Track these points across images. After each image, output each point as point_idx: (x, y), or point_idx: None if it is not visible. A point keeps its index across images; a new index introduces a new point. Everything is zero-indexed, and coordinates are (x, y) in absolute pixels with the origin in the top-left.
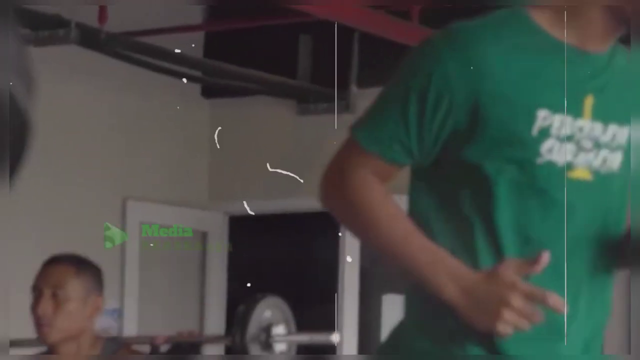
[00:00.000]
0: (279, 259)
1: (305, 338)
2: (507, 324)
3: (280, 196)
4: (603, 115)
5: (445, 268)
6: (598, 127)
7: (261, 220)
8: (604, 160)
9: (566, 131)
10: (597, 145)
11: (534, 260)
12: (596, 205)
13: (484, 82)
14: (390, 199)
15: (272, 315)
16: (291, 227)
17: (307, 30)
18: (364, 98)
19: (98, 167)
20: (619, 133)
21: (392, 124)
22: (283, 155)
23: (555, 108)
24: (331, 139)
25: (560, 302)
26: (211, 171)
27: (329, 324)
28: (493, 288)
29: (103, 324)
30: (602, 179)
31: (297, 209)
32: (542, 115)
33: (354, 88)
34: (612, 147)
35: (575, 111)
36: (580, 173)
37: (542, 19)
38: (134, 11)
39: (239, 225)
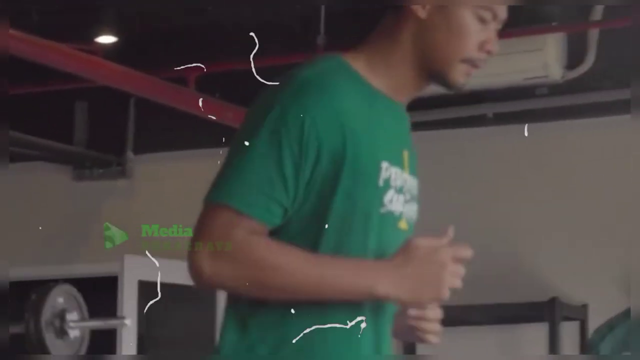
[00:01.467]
0: None
1: (99, 324)
2: (451, 284)
3: (58, 262)
4: (411, 167)
5: (364, 272)
6: (413, 180)
7: (38, 286)
8: (414, 212)
9: (398, 182)
10: (412, 198)
11: (440, 235)
12: None
13: (345, 130)
14: (277, 245)
15: (65, 301)
16: None
17: (83, 97)
18: (140, 163)
19: None
20: (416, 185)
21: (267, 185)
22: (60, 220)
23: (391, 160)
24: (108, 205)
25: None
26: None
27: None
28: (420, 261)
29: None
30: (410, 230)
31: (75, 274)
32: (385, 167)
33: (130, 154)
34: (415, 199)
35: (401, 164)
36: (403, 224)
37: (358, 66)
38: None
39: (16, 291)
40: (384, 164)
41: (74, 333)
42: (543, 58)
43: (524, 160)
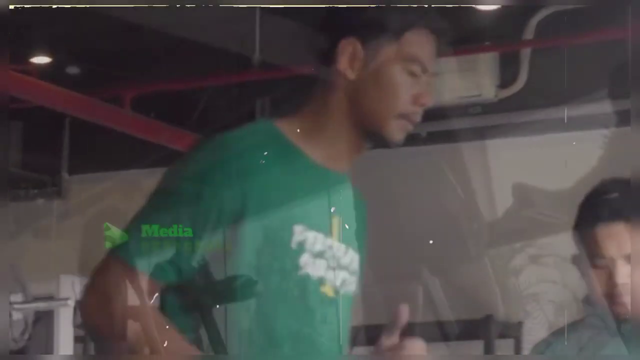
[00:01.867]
0: None
1: (42, 305)
2: None
3: None
4: (345, 238)
5: None
6: (341, 248)
7: None
8: (343, 282)
9: (318, 247)
10: (339, 266)
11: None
12: (342, 324)
13: (248, 194)
14: (152, 317)
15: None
16: None
17: (17, 117)
18: (75, 184)
19: None
20: (354, 258)
21: (159, 246)
22: None
23: (309, 224)
24: (43, 225)
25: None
26: None
27: None
28: None
29: None
30: (344, 300)
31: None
32: (299, 230)
33: (65, 174)
34: (350, 271)
35: (326, 230)
36: (328, 289)
37: (292, 134)
38: None
39: None
40: (298, 227)
41: (17, 315)
42: (476, 77)
43: (457, 178)
